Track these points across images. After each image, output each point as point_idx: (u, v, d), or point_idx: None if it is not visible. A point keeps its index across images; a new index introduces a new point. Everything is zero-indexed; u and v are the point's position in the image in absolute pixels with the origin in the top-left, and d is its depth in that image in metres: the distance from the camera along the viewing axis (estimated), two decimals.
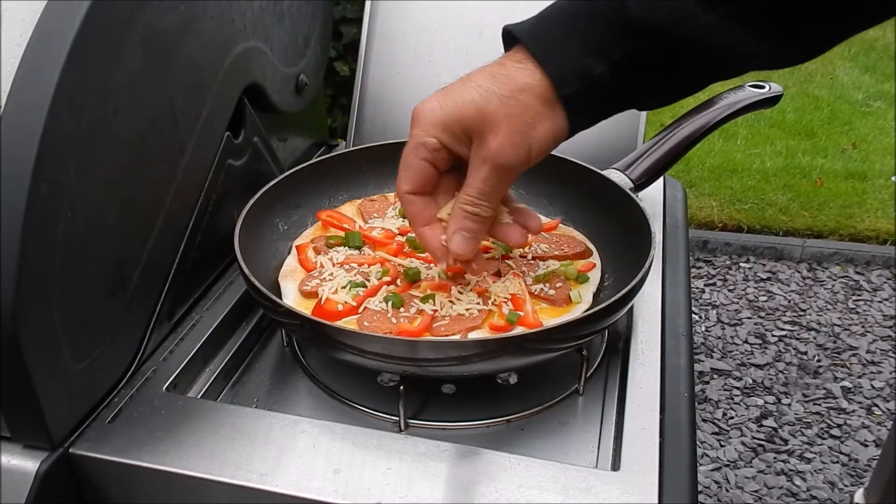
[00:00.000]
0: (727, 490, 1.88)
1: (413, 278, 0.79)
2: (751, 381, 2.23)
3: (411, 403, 0.74)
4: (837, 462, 1.95)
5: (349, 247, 0.86)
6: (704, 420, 2.09)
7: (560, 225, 0.92)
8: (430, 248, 0.69)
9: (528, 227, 0.72)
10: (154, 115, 0.72)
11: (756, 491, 1.88)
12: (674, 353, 0.77)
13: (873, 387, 2.20)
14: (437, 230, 0.69)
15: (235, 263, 0.76)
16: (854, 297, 2.61)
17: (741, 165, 3.29)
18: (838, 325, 2.46)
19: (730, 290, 2.66)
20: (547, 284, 0.80)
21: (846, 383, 2.22)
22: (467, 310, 0.75)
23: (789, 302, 2.59)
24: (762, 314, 2.53)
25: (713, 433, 2.05)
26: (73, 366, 0.65)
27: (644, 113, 1.07)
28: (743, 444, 2.01)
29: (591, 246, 0.89)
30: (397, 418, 0.72)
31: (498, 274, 0.82)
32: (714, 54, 0.58)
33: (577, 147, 1.03)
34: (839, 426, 2.07)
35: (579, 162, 0.92)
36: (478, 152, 0.61)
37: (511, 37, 0.61)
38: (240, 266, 0.74)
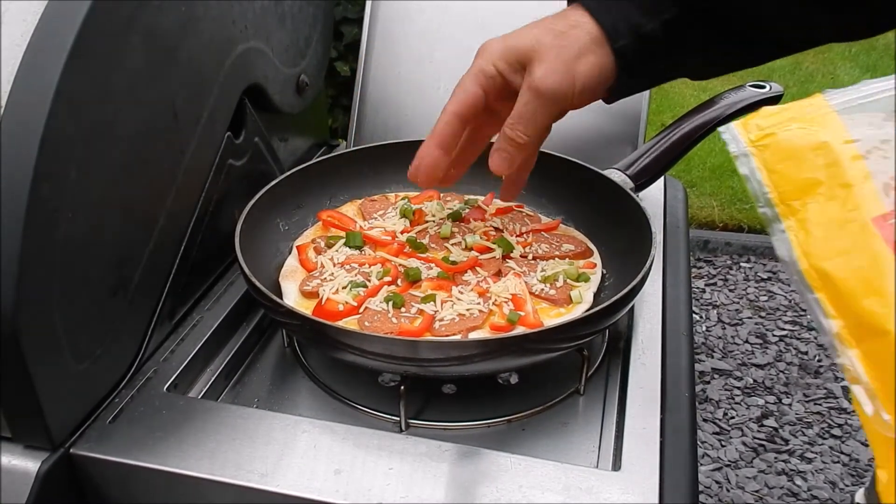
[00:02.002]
0: (728, 490, 1.88)
1: (414, 278, 0.79)
2: (751, 381, 2.23)
3: (412, 403, 0.74)
4: (838, 462, 1.95)
5: (350, 247, 0.86)
6: (705, 420, 2.09)
7: (560, 225, 0.92)
8: (419, 159, 0.72)
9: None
10: (155, 115, 0.72)
11: (757, 491, 1.87)
12: (674, 353, 0.77)
13: None
14: (440, 155, 0.72)
15: (236, 264, 0.76)
16: None
17: None
18: None
19: (730, 290, 2.66)
20: (548, 284, 0.80)
21: (847, 383, 2.21)
22: (468, 310, 0.75)
23: (790, 302, 2.59)
24: (763, 314, 2.52)
25: (714, 433, 2.05)
26: (73, 366, 0.65)
27: (644, 113, 1.07)
28: (744, 443, 2.01)
29: (592, 246, 0.89)
30: (398, 418, 0.72)
31: (498, 274, 0.82)
32: (764, 19, 0.60)
33: (578, 147, 1.03)
34: (840, 426, 2.06)
35: (580, 162, 0.92)
36: (526, 80, 0.65)
37: None
38: (241, 266, 0.74)
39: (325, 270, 0.82)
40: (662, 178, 1.04)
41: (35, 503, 0.62)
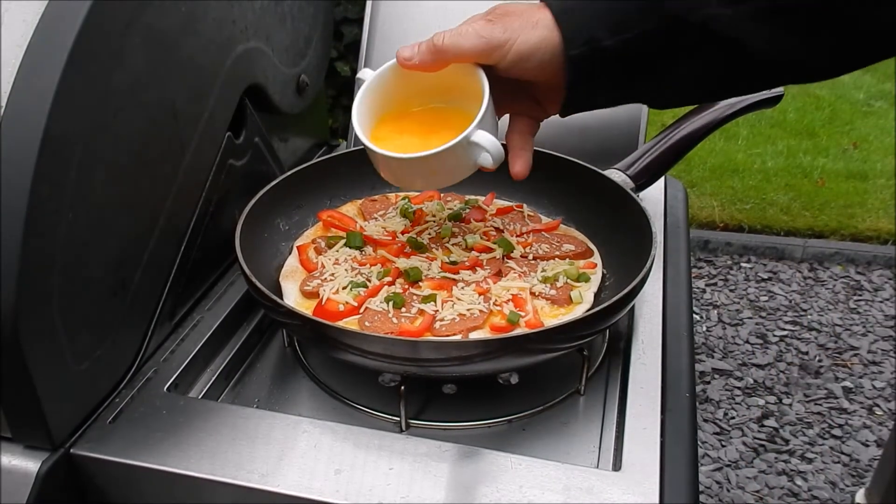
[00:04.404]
0: (728, 490, 1.88)
1: (414, 278, 0.79)
2: (752, 381, 2.23)
3: (412, 404, 0.74)
4: (839, 462, 1.95)
5: (350, 247, 0.86)
6: (705, 420, 2.09)
7: (561, 225, 0.92)
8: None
9: (512, 165, 0.74)
10: (155, 115, 0.72)
11: (757, 491, 1.87)
12: (675, 354, 0.77)
13: (874, 387, 2.20)
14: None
15: (236, 264, 0.76)
16: (855, 297, 2.61)
17: (742, 165, 3.29)
18: (839, 325, 2.46)
19: (731, 290, 2.66)
20: (548, 284, 0.80)
21: (847, 383, 2.21)
22: (468, 310, 0.75)
23: (790, 302, 2.59)
24: (763, 314, 2.52)
25: (714, 433, 2.05)
26: (74, 366, 0.65)
27: (645, 113, 1.07)
28: (744, 444, 2.01)
29: (592, 246, 0.89)
30: (398, 418, 0.72)
31: (499, 274, 0.82)
32: (735, 51, 0.59)
33: (578, 147, 1.03)
34: (840, 426, 2.06)
35: (580, 162, 0.92)
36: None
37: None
38: (241, 266, 0.74)
39: (325, 270, 0.82)
40: (663, 178, 1.04)
41: (35, 503, 0.62)
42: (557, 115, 0.70)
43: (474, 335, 0.73)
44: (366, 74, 0.74)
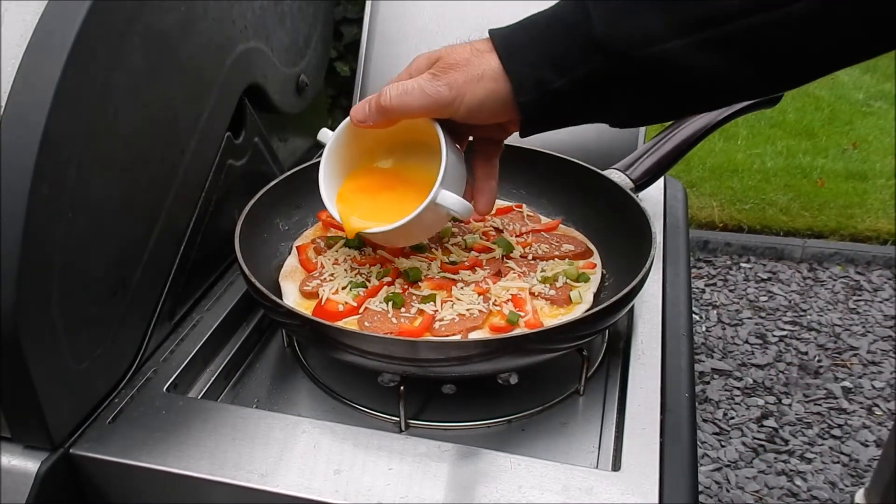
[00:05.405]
0: (728, 490, 1.88)
1: (414, 278, 0.79)
2: (751, 382, 2.23)
3: (412, 404, 0.74)
4: (838, 462, 1.95)
5: (349, 247, 0.86)
6: (705, 420, 2.09)
7: (560, 225, 0.92)
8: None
9: (476, 202, 0.74)
10: (154, 115, 0.72)
11: (757, 491, 1.87)
12: (674, 354, 0.77)
13: (874, 387, 2.20)
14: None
15: (236, 264, 0.76)
16: (855, 298, 2.61)
17: (742, 165, 3.29)
18: (839, 326, 2.46)
19: (730, 291, 2.66)
20: (547, 284, 0.80)
21: (847, 383, 2.21)
22: (468, 310, 0.75)
23: (790, 302, 2.59)
24: (763, 314, 2.52)
25: (714, 433, 2.05)
26: (73, 366, 0.65)
27: None
28: (743, 444, 2.01)
29: (592, 246, 0.89)
30: (398, 419, 0.72)
31: (499, 274, 0.82)
32: (686, 80, 0.59)
33: (578, 147, 1.03)
34: (840, 426, 2.06)
35: (580, 162, 0.92)
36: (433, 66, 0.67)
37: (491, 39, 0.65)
38: (240, 266, 0.74)
39: (324, 270, 0.82)
40: (662, 178, 1.04)
41: (35, 503, 0.62)
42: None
43: (474, 335, 0.73)
44: (325, 136, 0.75)
